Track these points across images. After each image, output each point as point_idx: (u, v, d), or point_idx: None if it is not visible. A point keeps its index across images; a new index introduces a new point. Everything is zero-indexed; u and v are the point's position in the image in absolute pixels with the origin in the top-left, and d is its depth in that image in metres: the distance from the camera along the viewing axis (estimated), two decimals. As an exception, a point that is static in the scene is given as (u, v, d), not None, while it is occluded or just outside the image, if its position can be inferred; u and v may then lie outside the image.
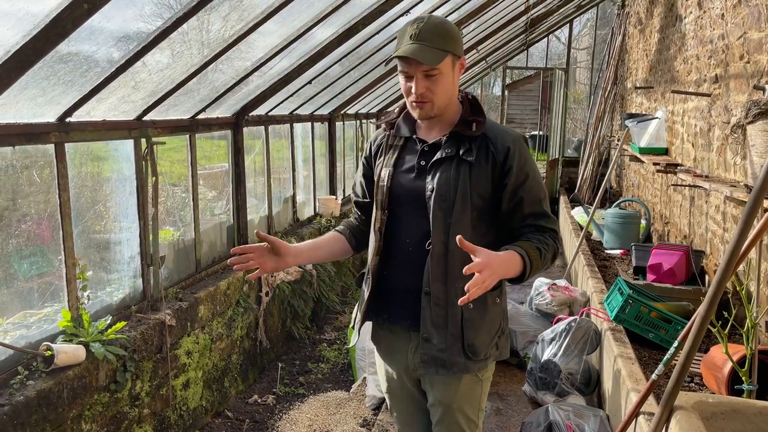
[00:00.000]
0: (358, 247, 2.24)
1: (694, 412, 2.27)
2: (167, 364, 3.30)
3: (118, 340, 2.89)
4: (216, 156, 4.35)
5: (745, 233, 2.28)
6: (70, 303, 2.80)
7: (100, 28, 2.25)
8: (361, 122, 7.59)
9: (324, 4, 3.27)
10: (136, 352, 3.04)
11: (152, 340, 3.18)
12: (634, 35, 9.34)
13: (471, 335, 2.01)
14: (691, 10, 6.08)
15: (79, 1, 1.91)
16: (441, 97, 1.95)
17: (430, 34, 1.88)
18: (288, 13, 3.03)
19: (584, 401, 4.07)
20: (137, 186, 3.23)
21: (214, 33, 2.84)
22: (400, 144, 2.09)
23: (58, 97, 2.47)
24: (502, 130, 2.06)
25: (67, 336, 2.73)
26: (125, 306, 3.23)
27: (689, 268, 4.85)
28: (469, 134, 1.99)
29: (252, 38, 3.07)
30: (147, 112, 3.14)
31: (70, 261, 2.79)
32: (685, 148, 6.08)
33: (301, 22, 3.30)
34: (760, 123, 3.29)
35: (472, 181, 1.97)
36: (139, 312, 3.25)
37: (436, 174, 1.98)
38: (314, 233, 5.48)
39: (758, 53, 3.99)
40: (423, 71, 1.89)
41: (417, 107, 1.96)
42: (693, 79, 5.86)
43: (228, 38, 2.92)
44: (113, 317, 3.03)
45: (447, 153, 1.98)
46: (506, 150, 1.99)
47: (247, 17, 2.87)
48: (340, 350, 4.92)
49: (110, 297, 3.15)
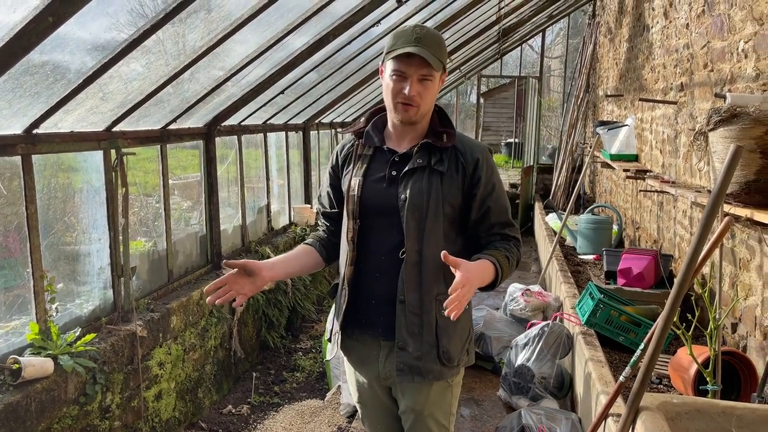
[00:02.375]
0: (329, 258, 2.24)
1: (659, 413, 2.32)
2: (139, 375, 3.27)
3: (88, 352, 2.86)
4: (191, 165, 4.34)
5: (704, 237, 2.35)
6: (38, 316, 2.77)
7: (68, 38, 2.25)
8: (336, 131, 7.61)
9: (296, 14, 3.29)
10: (106, 363, 3.01)
11: (123, 351, 3.16)
12: (605, 44, 9.53)
13: (446, 342, 2.05)
14: (658, 20, 6.24)
15: (44, 15, 1.92)
16: (427, 104, 1.99)
17: (430, 41, 1.93)
18: (257, 24, 3.05)
19: (558, 405, 4.13)
20: (107, 197, 3.22)
21: (184, 43, 2.85)
22: (370, 153, 2.11)
23: (24, 109, 2.46)
24: (471, 142, 2.12)
25: (35, 349, 2.70)
26: (95, 318, 3.20)
27: (658, 272, 4.96)
28: (440, 145, 2.03)
29: (225, 47, 3.08)
30: (116, 123, 3.13)
31: (37, 273, 2.76)
32: (653, 155, 6.22)
33: (274, 31, 3.32)
34: (721, 130, 3.39)
35: (443, 190, 2.01)
36: (109, 323, 3.23)
37: (408, 184, 2.01)
38: (289, 242, 5.48)
39: (721, 62, 4.11)
40: (419, 75, 1.93)
41: (403, 109, 1.98)
42: (660, 87, 6.00)
43: (198, 49, 2.92)
44: (83, 329, 3.00)
45: (419, 163, 2.01)
46: (476, 161, 2.04)
47: (216, 29, 2.88)
48: (316, 359, 4.92)
49: (80, 309, 3.12)
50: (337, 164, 2.20)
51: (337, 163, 2.20)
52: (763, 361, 3.24)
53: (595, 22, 9.93)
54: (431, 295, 2.02)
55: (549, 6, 8.44)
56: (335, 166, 2.21)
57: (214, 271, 4.33)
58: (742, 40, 3.69)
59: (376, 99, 7.42)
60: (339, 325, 2.12)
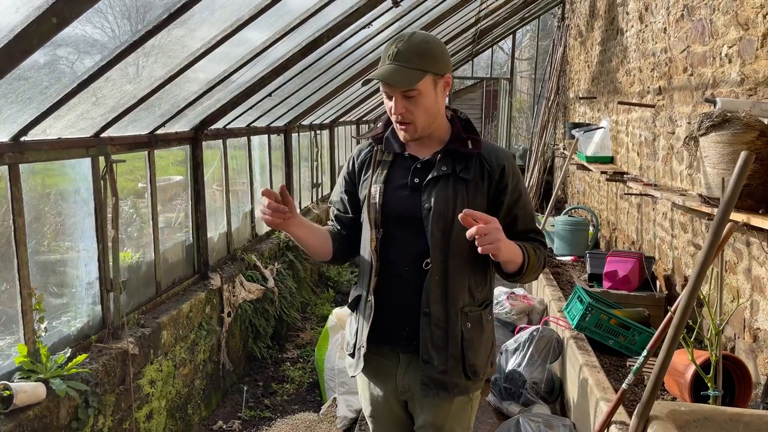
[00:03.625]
0: (335, 257, 2.15)
1: (668, 422, 2.32)
2: (130, 395, 3.10)
3: (80, 375, 2.68)
4: (161, 168, 4.14)
5: (714, 245, 2.36)
6: (26, 336, 2.58)
7: (65, 40, 2.09)
8: (315, 133, 7.50)
9: (292, 17, 3.18)
10: (98, 385, 2.83)
11: (115, 371, 2.98)
12: (575, 47, 9.67)
13: (472, 355, 2.00)
14: (633, 24, 6.33)
15: (47, 15, 1.76)
16: (422, 118, 1.92)
17: (408, 53, 1.85)
18: (256, 25, 2.93)
19: (548, 410, 4.12)
20: (95, 207, 3.03)
21: (180, 46, 2.71)
22: (390, 160, 2.04)
23: (14, 116, 2.28)
24: (495, 148, 2.06)
25: (24, 372, 2.51)
26: (84, 336, 3.01)
27: (642, 275, 5.03)
28: (465, 151, 1.97)
29: (220, 51, 2.94)
30: (105, 128, 2.95)
31: (25, 291, 2.57)
32: (630, 157, 6.31)
33: (267, 34, 3.20)
34: (713, 135, 3.42)
35: (469, 199, 1.95)
36: (99, 341, 3.05)
37: (432, 192, 1.94)
38: (274, 249, 5.34)
39: (702, 66, 4.17)
40: (401, 92, 1.86)
41: (401, 129, 1.94)
42: (636, 91, 6.09)
43: (195, 52, 2.78)
44: (72, 349, 2.82)
45: (443, 171, 1.95)
46: (501, 168, 1.99)
47: (203, 38, 2.75)
48: (305, 369, 4.80)
49: (68, 327, 2.93)
50: (354, 170, 2.12)
51: (353, 169, 2.12)
52: (752, 363, 3.30)
53: (565, 25, 10.07)
54: (457, 308, 1.96)
55: (523, 8, 8.51)
56: (351, 171, 2.13)
57: (201, 281, 4.16)
58: (726, 45, 3.75)
59: (356, 101, 7.36)
60: (365, 339, 2.02)
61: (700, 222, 4.25)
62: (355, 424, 3.80)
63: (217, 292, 4.16)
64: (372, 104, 9.43)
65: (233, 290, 4.26)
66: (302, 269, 5.67)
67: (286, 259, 5.45)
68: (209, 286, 4.06)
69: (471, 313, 2.00)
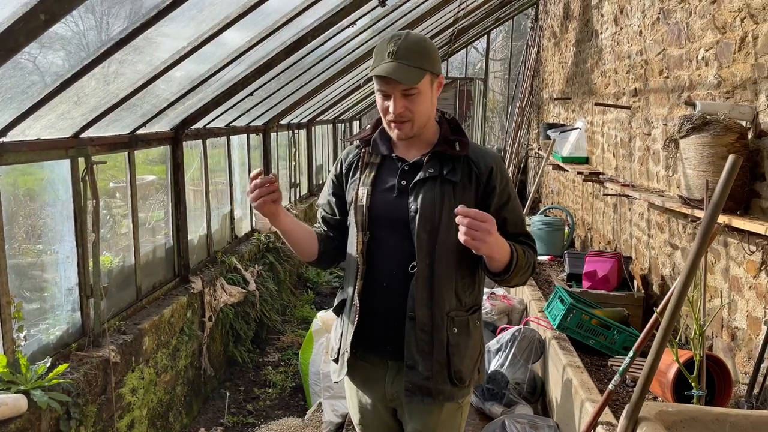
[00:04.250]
0: (320, 258, 2.09)
1: (657, 423, 2.34)
2: (112, 405, 3.00)
3: (61, 385, 2.58)
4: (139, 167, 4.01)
5: (703, 249, 2.38)
6: (5, 346, 2.46)
7: (50, 38, 1.99)
8: (293, 132, 7.41)
9: (279, 15, 3.12)
10: (79, 396, 2.73)
11: (96, 380, 2.88)
12: (549, 48, 9.77)
13: (457, 361, 1.96)
14: (608, 26, 6.40)
15: (35, 12, 1.67)
16: (420, 117, 1.89)
17: (408, 52, 1.82)
18: (241, 25, 2.86)
19: (531, 410, 4.14)
20: (75, 210, 2.92)
21: (167, 43, 2.62)
22: (377, 162, 2.01)
23: (-6, 116, 2.18)
24: (483, 150, 2.04)
25: (3, 384, 2.40)
26: (64, 344, 2.90)
27: (620, 274, 5.09)
28: (452, 154, 1.94)
29: (204, 49, 2.86)
30: (86, 128, 2.84)
31: (4, 299, 2.45)
32: (605, 158, 6.38)
33: (253, 33, 3.13)
34: (693, 137, 3.47)
35: (456, 201, 1.91)
36: (79, 350, 2.93)
37: (419, 194, 1.91)
38: (254, 251, 5.24)
39: (679, 69, 4.23)
40: (401, 90, 1.83)
41: (395, 128, 1.90)
42: (612, 92, 6.17)
43: (181, 50, 2.70)
44: (52, 358, 2.71)
45: (430, 173, 1.92)
46: (489, 170, 1.96)
47: (199, 30, 2.67)
48: (287, 373, 4.73)
49: (47, 335, 2.82)
50: (341, 172, 2.09)
51: (341, 171, 2.09)
52: (731, 361, 3.36)
53: (539, 26, 10.16)
54: (443, 312, 1.93)
55: (499, 9, 8.57)
56: (339, 174, 2.09)
57: (182, 284, 4.05)
58: (703, 48, 3.80)
59: (334, 100, 7.31)
60: (350, 344, 1.99)
61: (677, 222, 4.32)
62: (341, 429, 3.75)
63: (199, 295, 4.07)
64: (348, 104, 9.38)
65: (214, 294, 4.17)
66: (282, 271, 5.59)
67: (266, 261, 5.37)
68: (190, 289, 3.97)
69: (458, 317, 1.97)
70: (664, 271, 4.63)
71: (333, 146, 10.61)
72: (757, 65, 3.11)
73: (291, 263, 5.90)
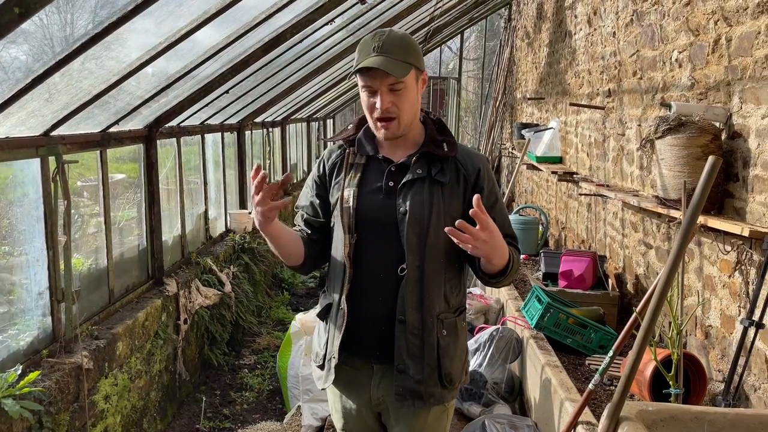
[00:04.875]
0: (306, 262, 2.02)
1: (638, 422, 2.36)
2: (85, 413, 2.90)
3: (33, 394, 2.48)
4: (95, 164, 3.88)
5: (683, 251, 2.41)
6: (-28, 355, 2.36)
7: (24, 31, 1.90)
8: (268, 130, 7.30)
9: (258, 11, 3.05)
10: (51, 404, 2.62)
11: (68, 388, 2.77)
12: (522, 48, 9.84)
13: (447, 364, 1.95)
14: (581, 27, 6.47)
15: (8, 5, 1.59)
16: (407, 113, 1.87)
17: (393, 46, 1.80)
18: (224, 19, 2.79)
19: (509, 410, 4.15)
20: (45, 211, 2.80)
21: (143, 39, 2.53)
22: (363, 162, 1.97)
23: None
24: (470, 151, 2.03)
25: (-30, 394, 2.29)
26: (34, 350, 2.78)
27: (596, 273, 5.15)
28: (441, 155, 1.92)
29: (182, 45, 2.78)
30: (56, 126, 2.73)
31: (-29, 305, 2.35)
32: (579, 157, 6.45)
33: (233, 28, 3.06)
34: (669, 138, 3.52)
35: (445, 203, 1.90)
36: (51, 356, 2.82)
37: (408, 195, 1.88)
38: (229, 251, 5.15)
39: (652, 70, 4.28)
40: (388, 85, 1.81)
41: (382, 126, 1.87)
42: (585, 92, 6.23)
43: (157, 46, 2.62)
44: (23, 365, 2.60)
45: (418, 174, 1.90)
46: (477, 171, 1.95)
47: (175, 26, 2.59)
48: (263, 376, 4.65)
49: (16, 341, 2.70)
50: (324, 173, 2.04)
51: (324, 172, 2.04)
52: (704, 359, 3.42)
53: (512, 26, 10.23)
54: (433, 314, 1.91)
55: (474, 8, 8.59)
56: (322, 175, 2.04)
57: (156, 287, 3.94)
58: (676, 50, 3.85)
59: (308, 98, 7.24)
60: (337, 349, 1.94)
61: (651, 222, 4.38)
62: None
63: (173, 298, 3.97)
64: (323, 102, 9.32)
65: (189, 296, 4.07)
66: (258, 272, 5.50)
67: (241, 261, 5.28)
68: (165, 292, 3.86)
69: (447, 319, 1.95)
70: (638, 270, 4.69)
71: (307, 144, 10.53)
72: (730, 67, 3.15)
73: (266, 264, 5.81)
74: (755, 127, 2.94)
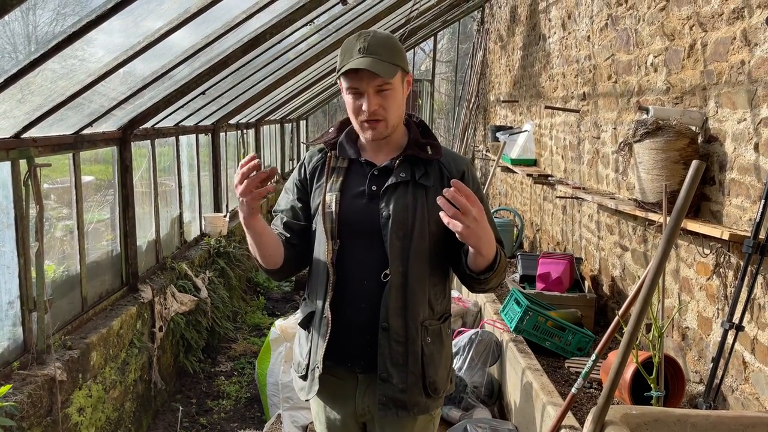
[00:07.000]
0: (284, 266, 1.94)
1: (623, 426, 2.37)
2: (58, 426, 2.78)
3: (4, 408, 2.36)
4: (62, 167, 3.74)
5: (667, 254, 2.42)
6: (-61, 369, 2.23)
7: None
8: (242, 132, 7.19)
9: (239, 10, 2.98)
10: (24, 419, 2.51)
11: (41, 401, 2.66)
12: (496, 51, 9.90)
13: (432, 372, 1.91)
14: (555, 31, 6.52)
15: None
16: (393, 115, 1.83)
17: (379, 47, 1.76)
18: (194, 24, 2.71)
19: (489, 413, 4.15)
20: (16, 216, 2.68)
21: (124, 38, 2.44)
22: (345, 166, 1.92)
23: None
24: (453, 154, 2.00)
25: (-63, 411, 2.17)
26: (5, 362, 2.65)
27: (573, 276, 5.19)
28: (425, 158, 1.89)
29: (160, 46, 2.69)
30: (28, 128, 2.61)
31: (-63, 317, 2.22)
32: (554, 160, 6.50)
33: (212, 28, 2.98)
34: (647, 141, 3.56)
35: (429, 207, 1.86)
36: (22, 368, 2.70)
37: (391, 199, 1.84)
38: (204, 255, 5.03)
39: (627, 74, 4.34)
40: (375, 87, 1.76)
41: (369, 128, 1.82)
42: (560, 96, 6.28)
43: (135, 45, 2.52)
44: (-8, 379, 2.48)
45: (402, 177, 1.86)
46: (461, 174, 1.92)
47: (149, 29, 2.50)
48: (241, 383, 4.55)
49: (-15, 354, 2.58)
50: (305, 177, 1.98)
51: (305, 176, 1.98)
52: (681, 360, 3.47)
53: (485, 29, 10.29)
54: (417, 321, 1.87)
55: (448, 11, 8.61)
56: (303, 179, 1.98)
57: (131, 293, 3.82)
58: (652, 54, 3.90)
59: (282, 100, 7.15)
60: (321, 358, 1.89)
61: (627, 224, 4.43)
62: (303, 440, 3.64)
63: (149, 305, 3.85)
64: (297, 104, 9.22)
65: (165, 302, 3.96)
66: (234, 276, 5.39)
67: (217, 266, 5.17)
68: (140, 299, 3.74)
69: (431, 327, 1.91)
70: (614, 272, 4.74)
71: (281, 146, 10.41)
72: (706, 72, 3.20)
73: (242, 268, 5.71)
74: (731, 131, 2.98)
